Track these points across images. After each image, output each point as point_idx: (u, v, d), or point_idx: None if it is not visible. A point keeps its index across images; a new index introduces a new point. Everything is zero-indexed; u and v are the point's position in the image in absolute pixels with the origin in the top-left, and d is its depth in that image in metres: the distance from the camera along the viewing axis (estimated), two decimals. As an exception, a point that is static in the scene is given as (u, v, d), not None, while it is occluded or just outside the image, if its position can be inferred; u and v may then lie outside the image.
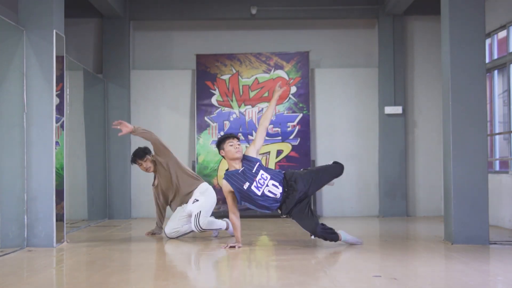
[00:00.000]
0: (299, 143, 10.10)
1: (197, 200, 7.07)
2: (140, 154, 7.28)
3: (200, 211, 6.97)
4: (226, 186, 6.15)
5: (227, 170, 6.28)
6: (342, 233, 6.23)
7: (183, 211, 7.13)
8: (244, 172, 6.10)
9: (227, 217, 6.98)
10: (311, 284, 4.44)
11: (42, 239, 6.41)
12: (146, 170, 7.34)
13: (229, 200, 6.18)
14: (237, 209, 6.21)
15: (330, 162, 6.55)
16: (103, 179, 9.92)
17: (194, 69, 10.32)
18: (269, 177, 6.11)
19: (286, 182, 6.13)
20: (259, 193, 6.08)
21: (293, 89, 10.18)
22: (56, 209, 6.52)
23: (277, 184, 6.11)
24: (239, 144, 6.20)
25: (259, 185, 6.07)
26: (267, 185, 6.09)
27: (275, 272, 5.08)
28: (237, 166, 6.18)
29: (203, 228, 6.95)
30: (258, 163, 6.15)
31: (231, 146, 6.15)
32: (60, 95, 6.86)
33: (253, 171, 6.10)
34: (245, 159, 6.20)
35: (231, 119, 10.15)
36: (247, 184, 6.06)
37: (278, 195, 6.11)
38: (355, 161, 10.31)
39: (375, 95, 10.33)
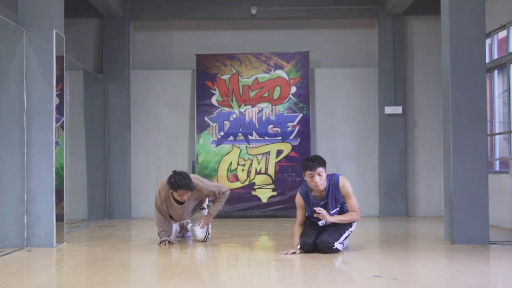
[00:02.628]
0: (299, 143, 10.10)
1: (205, 208, 6.95)
2: (192, 187, 6.40)
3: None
4: (300, 202, 5.99)
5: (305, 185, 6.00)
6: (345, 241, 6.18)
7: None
8: (324, 205, 5.90)
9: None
10: (311, 284, 4.44)
11: (42, 239, 6.42)
12: (182, 199, 6.50)
13: (300, 212, 6.03)
14: (303, 221, 6.06)
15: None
16: (103, 179, 9.92)
17: (194, 69, 10.32)
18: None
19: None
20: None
21: (293, 89, 10.18)
22: (56, 209, 6.52)
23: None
24: (319, 177, 5.79)
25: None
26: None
27: (275, 272, 5.08)
28: (317, 193, 5.93)
29: (209, 239, 6.92)
30: (337, 210, 5.98)
31: (310, 178, 5.81)
32: (60, 95, 6.86)
33: (329, 210, 5.92)
34: (335, 198, 5.93)
35: (231, 119, 10.15)
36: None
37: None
38: (355, 161, 10.31)
39: (375, 95, 10.33)
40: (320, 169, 5.79)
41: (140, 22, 10.63)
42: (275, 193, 10.04)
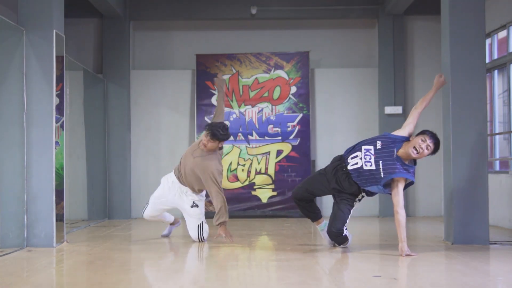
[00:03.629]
0: (299, 143, 10.10)
1: (197, 206, 6.85)
2: (220, 138, 6.55)
3: (202, 221, 6.84)
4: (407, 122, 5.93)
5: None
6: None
7: (167, 202, 6.99)
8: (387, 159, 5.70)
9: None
10: (311, 284, 4.44)
11: (42, 239, 6.41)
12: (205, 146, 6.55)
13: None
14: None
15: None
16: (103, 179, 9.92)
17: (194, 69, 10.32)
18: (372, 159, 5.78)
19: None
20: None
21: (293, 89, 10.18)
22: (56, 209, 6.52)
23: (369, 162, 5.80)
24: (426, 150, 5.65)
25: (366, 155, 5.80)
26: (365, 159, 5.80)
27: (275, 272, 5.08)
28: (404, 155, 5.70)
29: (205, 239, 6.88)
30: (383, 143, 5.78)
31: (420, 141, 5.61)
32: (60, 95, 6.86)
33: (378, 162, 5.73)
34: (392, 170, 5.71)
35: (231, 119, 10.15)
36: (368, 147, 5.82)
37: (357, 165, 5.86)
38: (355, 161, 10.30)
39: (375, 95, 10.33)
40: (431, 144, 5.60)
41: (140, 22, 10.64)
42: (275, 193, 10.04)
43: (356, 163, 5.86)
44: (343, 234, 5.95)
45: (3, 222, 6.36)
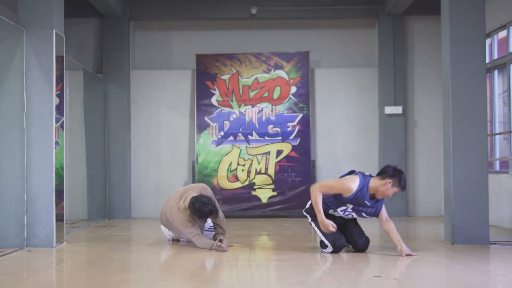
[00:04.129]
0: (299, 143, 10.10)
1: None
2: (217, 208, 6.54)
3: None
4: (350, 188, 5.73)
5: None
6: None
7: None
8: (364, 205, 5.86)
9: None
10: (311, 284, 4.44)
11: (42, 239, 6.42)
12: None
13: (332, 191, 5.82)
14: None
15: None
16: (103, 179, 9.92)
17: (194, 69, 10.32)
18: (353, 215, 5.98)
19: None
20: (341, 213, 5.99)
21: (293, 89, 10.18)
22: (56, 209, 6.52)
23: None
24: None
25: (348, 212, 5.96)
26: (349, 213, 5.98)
27: (275, 272, 5.08)
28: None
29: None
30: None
31: (391, 191, 5.78)
32: (60, 95, 6.86)
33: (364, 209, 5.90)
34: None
35: (231, 119, 10.15)
36: (349, 206, 5.91)
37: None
38: (355, 161, 10.30)
39: (375, 95, 10.33)
40: (399, 192, 5.98)
41: (140, 22, 10.64)
42: (275, 193, 10.04)
43: (342, 216, 6.04)
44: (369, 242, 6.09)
45: (3, 222, 6.36)
